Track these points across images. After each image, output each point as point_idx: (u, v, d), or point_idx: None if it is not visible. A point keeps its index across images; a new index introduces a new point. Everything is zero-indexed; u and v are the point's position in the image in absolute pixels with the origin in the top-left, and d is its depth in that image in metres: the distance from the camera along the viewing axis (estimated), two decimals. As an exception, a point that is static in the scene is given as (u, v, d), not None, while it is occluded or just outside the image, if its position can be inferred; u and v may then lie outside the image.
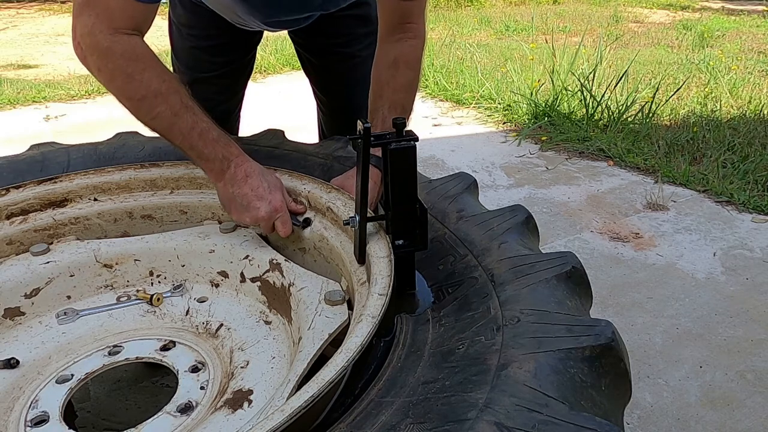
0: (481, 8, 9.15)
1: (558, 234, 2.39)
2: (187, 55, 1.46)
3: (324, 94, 1.58)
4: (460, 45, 5.83)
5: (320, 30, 1.43)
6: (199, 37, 1.41)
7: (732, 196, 2.63)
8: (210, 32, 1.39)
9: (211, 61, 1.45)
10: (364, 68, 1.49)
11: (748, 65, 5.07)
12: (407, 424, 0.57)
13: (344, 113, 1.58)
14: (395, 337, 0.73)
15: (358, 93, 1.54)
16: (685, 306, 1.92)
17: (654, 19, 8.08)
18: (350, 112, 1.55)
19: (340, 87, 1.54)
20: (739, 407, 1.52)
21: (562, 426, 0.53)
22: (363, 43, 1.44)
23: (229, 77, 1.50)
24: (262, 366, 0.85)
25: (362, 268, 0.86)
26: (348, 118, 1.54)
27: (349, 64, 1.47)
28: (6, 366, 0.88)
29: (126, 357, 0.91)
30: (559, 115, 3.64)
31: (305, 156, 1.16)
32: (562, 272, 0.75)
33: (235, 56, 1.47)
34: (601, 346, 0.62)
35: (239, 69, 1.52)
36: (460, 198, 0.98)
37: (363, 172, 0.78)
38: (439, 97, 4.37)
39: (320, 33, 1.45)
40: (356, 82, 1.50)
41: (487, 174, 3.01)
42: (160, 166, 1.14)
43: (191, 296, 1.02)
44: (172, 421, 0.78)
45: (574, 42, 4.91)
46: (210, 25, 1.35)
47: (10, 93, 4.48)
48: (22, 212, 1.06)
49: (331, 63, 1.50)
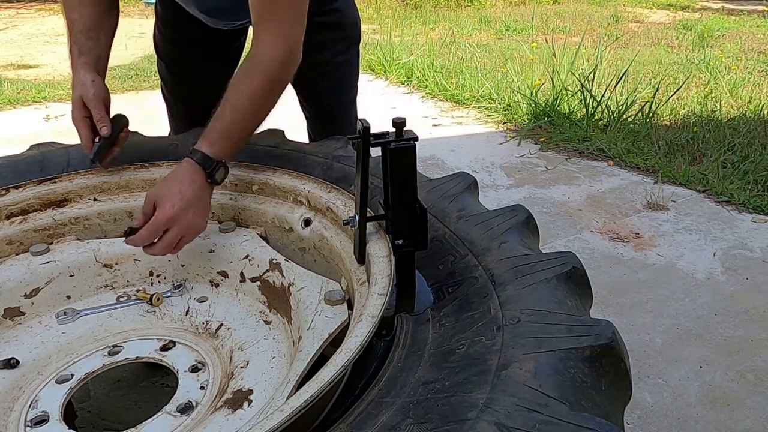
0: (481, 8, 9.15)
1: (558, 234, 2.39)
2: (165, 51, 1.52)
3: (303, 100, 1.60)
4: (460, 45, 5.83)
5: None
6: (172, 30, 1.47)
7: (732, 196, 2.63)
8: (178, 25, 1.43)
9: (183, 52, 1.49)
10: (338, 74, 1.51)
11: (748, 65, 5.07)
12: (407, 424, 0.57)
13: (325, 119, 1.60)
14: (395, 337, 0.73)
15: (334, 99, 1.57)
16: (685, 306, 1.92)
17: (654, 19, 8.09)
18: (330, 118, 1.58)
19: (316, 93, 1.56)
20: (739, 407, 1.52)
21: (563, 426, 0.53)
22: (335, 49, 1.46)
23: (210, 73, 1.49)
24: (262, 366, 0.85)
25: (362, 267, 0.86)
26: (329, 123, 1.57)
27: (323, 70, 1.48)
28: (6, 366, 0.88)
29: (126, 357, 0.91)
30: (559, 115, 3.64)
31: (305, 155, 1.16)
32: (562, 272, 0.75)
33: (209, 52, 1.48)
34: (601, 346, 0.62)
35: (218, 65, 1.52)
36: (461, 198, 0.98)
37: (363, 172, 0.78)
38: (439, 97, 4.37)
39: None
40: (331, 88, 1.54)
41: (487, 174, 3.01)
42: (159, 166, 1.14)
43: (191, 296, 1.02)
44: (172, 421, 0.78)
45: (574, 42, 4.91)
46: (177, 18, 1.38)
47: (10, 93, 4.48)
48: (22, 212, 1.06)
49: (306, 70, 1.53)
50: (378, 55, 5.26)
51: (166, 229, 0.92)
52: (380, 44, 5.50)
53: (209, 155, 0.96)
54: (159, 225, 0.91)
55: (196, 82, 1.50)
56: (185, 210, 0.92)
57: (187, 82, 1.54)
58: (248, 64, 1.03)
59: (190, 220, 0.93)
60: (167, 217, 0.91)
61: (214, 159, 0.97)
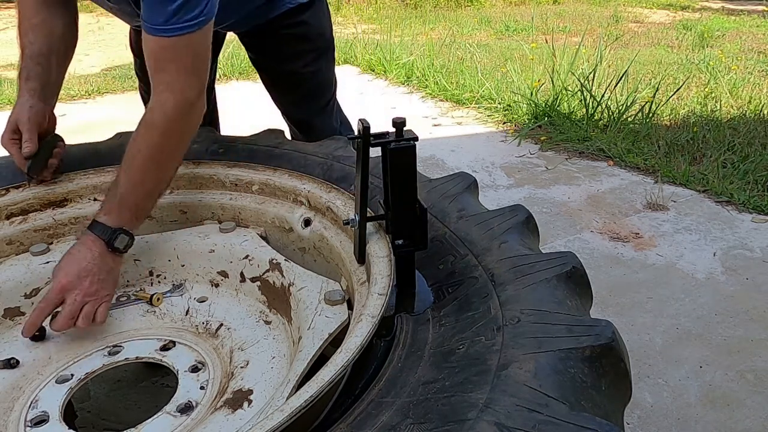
0: (481, 8, 9.15)
1: (558, 234, 2.39)
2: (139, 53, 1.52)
3: (280, 108, 1.65)
4: (460, 45, 5.83)
5: (264, 48, 1.49)
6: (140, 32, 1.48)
7: (732, 196, 2.63)
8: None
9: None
10: (308, 85, 1.56)
11: (748, 65, 5.07)
12: (407, 424, 0.57)
13: (302, 125, 1.64)
14: (395, 337, 0.73)
15: (304, 108, 1.62)
16: (685, 306, 1.92)
17: (654, 19, 8.08)
18: (307, 124, 1.63)
19: (291, 101, 1.61)
20: (739, 407, 1.52)
21: (563, 426, 0.53)
22: (304, 60, 1.50)
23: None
24: (262, 366, 0.85)
25: (362, 267, 0.86)
26: (306, 129, 1.62)
27: (294, 80, 1.53)
28: (6, 366, 0.88)
29: (126, 357, 0.91)
30: (559, 115, 3.64)
31: (305, 156, 1.16)
32: (562, 272, 0.75)
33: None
34: (601, 346, 0.62)
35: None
36: (461, 197, 0.98)
37: (363, 171, 0.78)
38: (439, 97, 4.37)
39: (264, 51, 1.51)
40: (302, 98, 1.59)
41: (487, 174, 3.01)
42: (160, 165, 1.14)
43: (191, 296, 1.02)
44: (172, 421, 0.78)
45: (574, 42, 4.91)
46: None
47: (10, 93, 4.47)
48: (22, 212, 1.06)
49: (277, 80, 1.57)
50: (378, 55, 5.26)
51: (61, 300, 0.90)
52: (380, 44, 5.50)
53: (107, 224, 0.95)
54: (52, 296, 0.90)
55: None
56: (80, 279, 0.91)
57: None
58: (144, 119, 0.99)
59: (86, 288, 0.91)
60: (59, 287, 0.90)
61: (112, 227, 0.94)
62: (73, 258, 0.92)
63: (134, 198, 0.97)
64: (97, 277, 0.92)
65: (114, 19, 1.58)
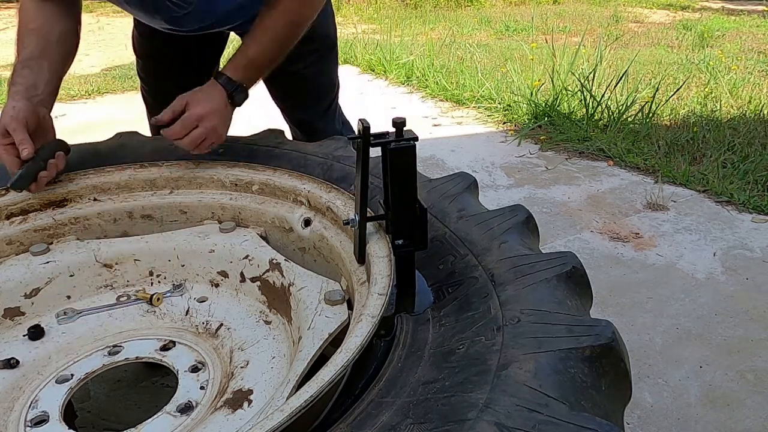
0: (481, 8, 9.16)
1: (558, 234, 2.39)
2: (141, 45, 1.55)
3: (282, 109, 1.65)
4: (460, 45, 5.83)
5: None
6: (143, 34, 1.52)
7: (732, 196, 2.63)
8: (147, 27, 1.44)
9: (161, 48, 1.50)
10: (310, 86, 1.56)
11: (748, 65, 5.07)
12: (407, 424, 0.56)
13: (303, 126, 1.64)
14: (395, 337, 0.73)
15: (306, 110, 1.61)
16: (685, 306, 1.92)
17: (654, 19, 8.09)
18: (308, 125, 1.63)
19: (293, 103, 1.61)
20: (739, 407, 1.52)
21: (563, 426, 0.53)
22: (307, 61, 1.49)
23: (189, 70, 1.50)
24: (262, 366, 0.85)
25: (362, 267, 0.86)
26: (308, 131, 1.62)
27: (296, 80, 1.53)
28: (6, 366, 0.88)
29: (126, 357, 0.91)
30: (559, 115, 3.64)
31: (305, 156, 1.16)
32: (562, 272, 0.74)
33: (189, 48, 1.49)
34: (601, 346, 0.62)
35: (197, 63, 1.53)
36: (461, 197, 0.98)
37: (363, 172, 0.78)
38: (439, 97, 4.37)
39: None
40: (304, 99, 1.59)
41: (487, 174, 3.01)
42: (159, 166, 1.14)
43: (191, 296, 1.02)
44: (172, 421, 0.78)
45: (574, 42, 4.91)
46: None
47: (10, 93, 4.47)
48: (21, 212, 1.06)
49: (279, 81, 1.56)
50: (378, 55, 5.27)
51: (195, 126, 1.04)
52: (380, 44, 5.51)
53: (233, 79, 1.09)
54: (191, 120, 1.04)
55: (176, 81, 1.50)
56: (212, 114, 1.05)
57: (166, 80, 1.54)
58: (269, 6, 1.12)
59: (215, 124, 1.06)
60: (198, 115, 1.04)
61: (236, 82, 1.10)
62: (207, 96, 1.07)
63: (260, 64, 1.14)
64: (221, 120, 1.08)
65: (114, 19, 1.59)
